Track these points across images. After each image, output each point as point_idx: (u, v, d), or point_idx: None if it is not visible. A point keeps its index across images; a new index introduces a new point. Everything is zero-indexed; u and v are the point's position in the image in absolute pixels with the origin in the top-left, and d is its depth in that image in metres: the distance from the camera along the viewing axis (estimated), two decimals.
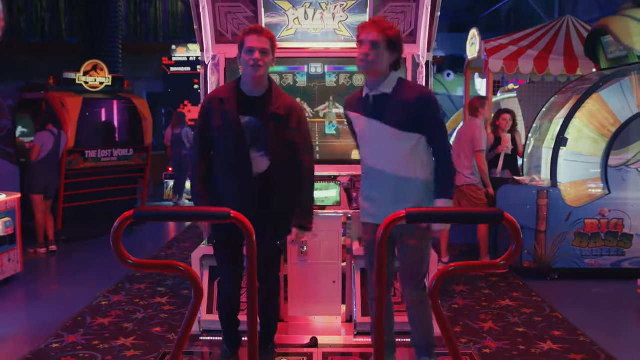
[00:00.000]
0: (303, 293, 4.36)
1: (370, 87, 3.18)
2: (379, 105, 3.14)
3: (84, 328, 4.55)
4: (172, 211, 2.50)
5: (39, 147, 7.01)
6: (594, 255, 5.92)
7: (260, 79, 3.24)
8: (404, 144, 3.14)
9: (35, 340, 4.30)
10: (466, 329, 4.54)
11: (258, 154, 3.28)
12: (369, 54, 3.06)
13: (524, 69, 7.54)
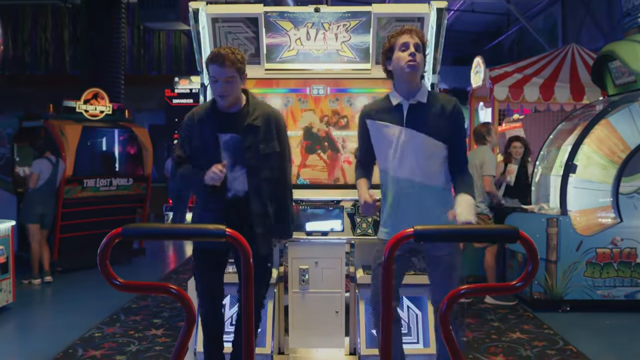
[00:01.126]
0: (305, 324, 4.14)
1: (405, 95, 3.04)
2: (415, 114, 3.01)
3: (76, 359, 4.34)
4: (163, 228, 2.33)
5: (37, 174, 6.89)
6: (607, 286, 5.71)
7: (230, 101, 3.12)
8: (438, 154, 3.02)
9: None
10: None
11: (239, 172, 3.14)
12: (416, 56, 2.95)
13: (529, 96, 7.44)
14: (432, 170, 3.05)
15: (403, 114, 3.04)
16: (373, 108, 3.16)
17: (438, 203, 3.05)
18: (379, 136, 3.11)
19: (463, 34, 17.12)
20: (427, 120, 3.00)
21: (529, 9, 13.13)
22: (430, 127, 2.98)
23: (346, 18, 4.20)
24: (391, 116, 3.06)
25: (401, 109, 3.04)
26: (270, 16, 4.20)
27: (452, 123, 3.02)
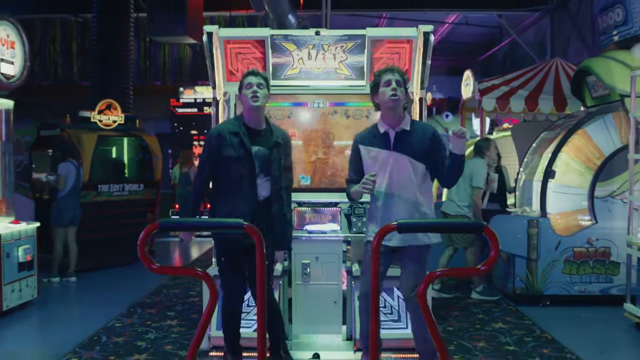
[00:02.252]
0: (306, 312, 4.65)
1: (391, 124, 3.60)
2: (401, 140, 3.55)
3: (100, 346, 4.84)
4: (193, 222, 2.84)
5: (65, 175, 7.38)
6: (583, 282, 6.21)
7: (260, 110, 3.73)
8: (418, 172, 3.56)
9: (54, 356, 4.58)
10: (459, 347, 4.81)
11: (264, 179, 3.72)
12: (397, 90, 3.48)
13: (515, 107, 7.97)
14: (415, 186, 3.61)
15: (390, 140, 3.59)
16: (365, 136, 3.74)
17: (419, 214, 3.59)
18: (370, 159, 3.66)
19: (458, 45, 17.68)
20: (412, 144, 3.56)
21: (520, 23, 13.68)
22: (414, 150, 3.55)
23: (343, 40, 4.73)
24: (380, 142, 3.62)
25: (388, 136, 3.59)
26: (275, 38, 4.73)
27: (432, 146, 3.60)
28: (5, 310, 5.70)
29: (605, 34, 6.76)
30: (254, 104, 3.71)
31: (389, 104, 3.56)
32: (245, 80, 3.80)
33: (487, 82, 8.28)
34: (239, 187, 3.72)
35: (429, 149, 3.58)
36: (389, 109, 3.58)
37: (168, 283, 7.40)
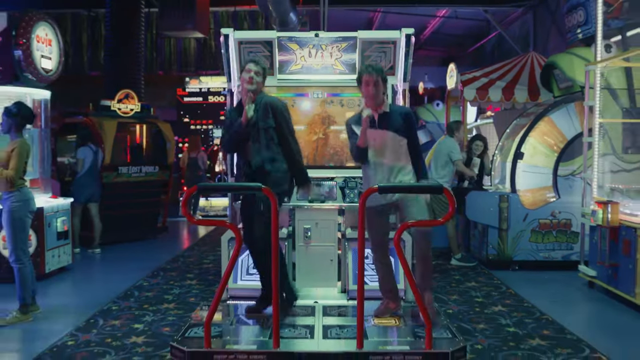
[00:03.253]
0: (307, 269, 5.54)
1: (374, 109, 4.45)
2: (383, 120, 4.43)
3: (134, 297, 5.78)
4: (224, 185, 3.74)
5: (82, 159, 8.27)
6: (547, 249, 7.15)
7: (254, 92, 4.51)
8: (398, 144, 4.43)
9: (96, 305, 5.51)
10: (436, 299, 5.73)
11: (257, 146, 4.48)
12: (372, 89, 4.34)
13: (493, 97, 8.88)
14: (397, 155, 4.48)
15: (375, 121, 4.46)
16: (354, 119, 4.59)
17: (401, 175, 4.48)
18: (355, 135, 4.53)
19: (449, 37, 18.52)
20: (391, 122, 4.42)
21: (506, 17, 14.54)
22: (393, 126, 4.41)
23: (338, 41, 5.62)
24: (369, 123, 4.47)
25: (373, 117, 4.46)
26: (281, 40, 5.63)
27: (406, 124, 4.45)
28: (47, 272, 6.61)
29: (571, 32, 7.63)
30: (247, 87, 4.48)
31: (368, 99, 4.44)
32: (247, 65, 4.56)
33: (469, 73, 9.18)
34: (242, 154, 4.56)
35: (403, 125, 4.44)
36: (367, 101, 4.45)
37: (184, 254, 8.33)
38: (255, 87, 4.53)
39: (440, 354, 3.81)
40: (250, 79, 4.50)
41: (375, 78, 4.37)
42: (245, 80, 4.52)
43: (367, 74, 4.40)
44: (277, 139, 4.55)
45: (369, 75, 4.38)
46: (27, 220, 5.13)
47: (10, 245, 5.06)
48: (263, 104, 4.55)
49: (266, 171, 4.46)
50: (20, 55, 6.49)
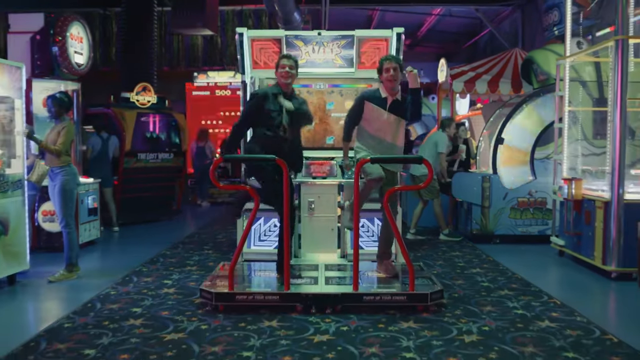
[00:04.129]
0: (311, 237, 6.39)
1: (390, 94, 5.23)
2: (394, 106, 5.23)
3: (159, 263, 6.66)
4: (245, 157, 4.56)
5: (91, 147, 9.06)
6: (525, 225, 7.99)
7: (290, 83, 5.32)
8: (400, 126, 5.26)
9: (128, 268, 6.37)
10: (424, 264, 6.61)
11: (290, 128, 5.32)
12: (393, 75, 5.15)
13: (480, 89, 9.73)
14: (398, 136, 5.31)
15: (387, 104, 5.26)
16: (370, 95, 5.34)
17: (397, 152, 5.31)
18: (372, 113, 5.29)
19: (445, 34, 19.35)
20: (399, 109, 5.23)
21: (498, 15, 15.38)
22: (400, 113, 5.22)
23: (338, 39, 6.48)
24: (381, 103, 5.27)
25: (386, 101, 5.26)
26: (289, 37, 6.48)
27: (405, 111, 5.23)
28: (80, 244, 7.46)
29: (548, 30, 8.49)
30: (284, 81, 5.24)
31: (388, 84, 5.22)
32: (280, 61, 5.29)
33: (457, 68, 10.03)
34: (274, 132, 5.23)
35: (406, 109, 5.23)
36: (388, 86, 5.23)
37: (198, 231, 9.19)
38: (290, 81, 5.29)
39: (421, 295, 4.68)
40: (286, 73, 5.23)
41: (394, 65, 5.16)
42: (282, 75, 5.23)
43: (388, 62, 5.20)
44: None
45: (389, 62, 5.18)
46: (75, 191, 5.99)
47: (60, 213, 5.90)
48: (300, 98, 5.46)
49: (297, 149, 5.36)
50: (56, 51, 7.35)
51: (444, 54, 20.06)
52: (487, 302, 5.03)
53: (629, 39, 5.81)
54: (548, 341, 4.01)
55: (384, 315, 4.57)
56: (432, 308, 4.72)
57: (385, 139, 5.26)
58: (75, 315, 4.65)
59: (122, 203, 9.61)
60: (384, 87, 5.26)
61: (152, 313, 4.69)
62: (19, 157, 5.74)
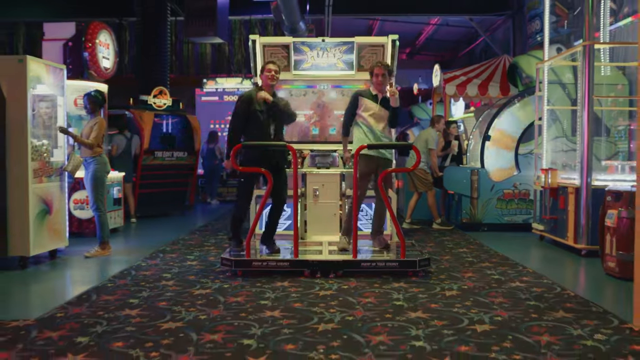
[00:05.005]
0: (316, 221, 7.17)
1: (379, 91, 6.06)
2: (383, 101, 6.04)
3: (180, 244, 7.45)
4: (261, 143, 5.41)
5: (116, 146, 9.88)
6: (510, 214, 8.78)
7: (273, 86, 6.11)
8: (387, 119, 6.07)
9: (153, 248, 7.17)
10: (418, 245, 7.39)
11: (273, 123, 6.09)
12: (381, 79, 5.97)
13: (470, 92, 10.55)
14: (386, 127, 6.14)
15: (378, 99, 6.09)
16: (364, 92, 6.19)
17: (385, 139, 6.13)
18: (365, 106, 6.10)
19: (443, 42, 20.22)
20: (386, 104, 6.06)
21: (492, 24, 16.22)
22: (387, 106, 6.05)
23: (340, 45, 7.30)
24: (372, 98, 6.09)
25: (377, 97, 6.08)
26: (296, 43, 7.31)
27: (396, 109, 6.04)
28: None
29: (531, 38, 9.32)
30: (270, 83, 6.02)
31: (377, 86, 6.06)
32: (267, 66, 6.06)
33: (450, 73, 10.86)
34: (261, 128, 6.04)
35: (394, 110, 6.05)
36: (376, 88, 6.07)
37: (211, 222, 9.99)
38: (274, 83, 6.09)
39: (411, 261, 5.47)
40: (272, 76, 6.05)
41: (383, 71, 6.00)
42: (269, 78, 6.04)
43: (377, 68, 6.04)
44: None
45: (379, 68, 6.03)
46: (105, 178, 6.79)
47: (92, 198, 6.70)
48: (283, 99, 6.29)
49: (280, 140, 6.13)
50: (87, 56, 8.18)
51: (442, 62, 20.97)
52: (468, 271, 5.81)
53: (595, 44, 6.62)
54: (515, 295, 4.80)
55: (379, 279, 5.35)
56: (420, 273, 5.51)
57: (377, 130, 6.07)
58: (115, 278, 5.45)
59: (140, 197, 10.40)
60: (375, 86, 6.10)
61: (180, 277, 5.49)
62: (60, 148, 6.54)
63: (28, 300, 5.05)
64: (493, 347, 3.46)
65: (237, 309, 4.35)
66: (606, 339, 3.63)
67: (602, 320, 4.05)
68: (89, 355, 3.35)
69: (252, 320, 4.06)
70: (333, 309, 4.36)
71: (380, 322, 4.01)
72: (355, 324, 3.97)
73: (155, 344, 3.54)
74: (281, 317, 4.13)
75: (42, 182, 6.12)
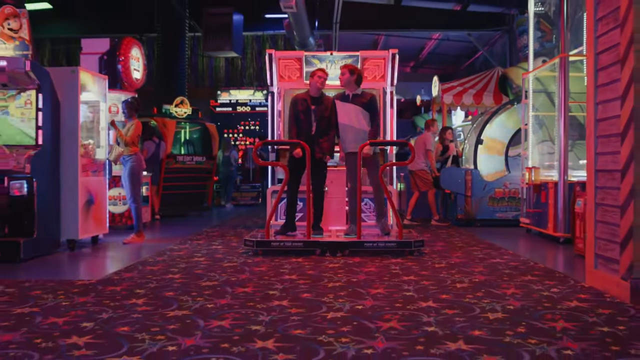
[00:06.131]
0: (326, 214, 8.07)
1: (350, 91, 6.98)
2: (354, 99, 6.94)
3: (204, 235, 8.37)
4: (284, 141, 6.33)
5: (147, 150, 10.87)
6: (502, 211, 9.66)
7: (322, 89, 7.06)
8: (366, 115, 6.95)
9: (181, 237, 8.10)
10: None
11: (315, 122, 7.03)
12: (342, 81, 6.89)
13: (466, 101, 11.49)
14: (362, 122, 7.00)
15: (349, 98, 6.99)
16: (338, 96, 7.10)
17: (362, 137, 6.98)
18: (340, 107, 7.03)
19: (445, 56, 21.21)
20: (359, 101, 6.93)
21: (490, 39, 17.20)
22: (361, 104, 6.93)
23: (346, 58, 8.26)
24: (345, 99, 7.00)
25: (349, 97, 6.99)
26: (308, 57, 8.27)
27: (368, 104, 6.93)
28: None
29: (521, 51, 10.25)
30: (320, 87, 7.00)
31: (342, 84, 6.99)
32: (317, 72, 7.02)
33: (448, 84, 11.81)
34: (306, 126, 7.00)
35: (367, 104, 6.92)
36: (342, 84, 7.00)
37: (229, 221, 10.92)
38: (324, 87, 7.07)
39: (407, 242, 6.37)
40: (322, 81, 7.01)
41: (343, 70, 6.92)
42: (318, 82, 6.98)
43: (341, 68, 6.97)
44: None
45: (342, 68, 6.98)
46: (140, 175, 7.74)
47: (128, 192, 7.64)
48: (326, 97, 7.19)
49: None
50: (120, 69, 9.16)
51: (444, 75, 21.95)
52: (457, 252, 6.71)
53: (569, 56, 7.54)
54: (494, 267, 5.69)
55: (380, 257, 6.26)
56: (415, 253, 6.42)
57: (352, 124, 6.92)
58: (154, 257, 6.37)
59: (163, 198, 11.34)
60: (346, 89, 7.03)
61: (209, 256, 6.42)
62: (102, 147, 7.51)
63: (88, 269, 6.03)
64: (467, 296, 4.36)
65: (261, 274, 5.27)
66: (560, 291, 4.52)
67: (561, 281, 4.94)
68: (148, 300, 4.26)
69: (275, 281, 4.97)
70: (340, 274, 5.26)
71: (379, 282, 4.92)
72: (359, 283, 4.87)
73: (198, 293, 4.46)
74: (297, 279, 5.04)
75: (88, 176, 7.07)
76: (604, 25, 4.54)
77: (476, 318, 3.71)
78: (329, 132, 7.03)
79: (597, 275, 4.68)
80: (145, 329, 3.45)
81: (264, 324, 3.57)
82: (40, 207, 6.22)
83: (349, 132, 6.94)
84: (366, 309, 3.95)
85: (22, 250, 5.95)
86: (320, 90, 7.07)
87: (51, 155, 6.51)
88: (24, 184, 6.10)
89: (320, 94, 7.10)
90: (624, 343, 3.18)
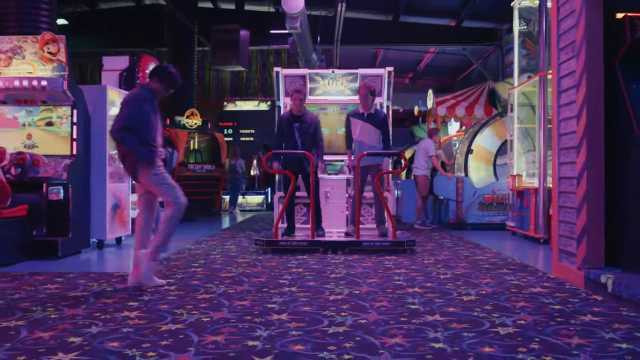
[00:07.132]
0: (327, 218, 8.86)
1: (365, 110, 7.76)
2: (369, 117, 7.74)
3: (217, 236, 9.15)
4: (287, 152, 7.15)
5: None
6: (490, 215, 10.44)
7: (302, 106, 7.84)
8: (376, 132, 7.75)
9: (197, 237, 8.88)
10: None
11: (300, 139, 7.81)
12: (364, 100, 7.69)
13: (459, 113, 12.29)
14: (375, 140, 7.80)
15: (364, 116, 7.81)
16: (352, 113, 7.92)
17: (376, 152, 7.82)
18: (355, 125, 7.85)
19: (441, 69, 22.05)
20: (373, 120, 7.75)
21: (485, 53, 18.02)
22: (374, 122, 7.74)
23: (346, 75, 9.08)
24: (359, 117, 7.82)
25: (364, 115, 7.81)
26: (311, 74, 9.08)
27: (380, 121, 7.76)
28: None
29: (509, 67, 11.04)
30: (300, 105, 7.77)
31: (361, 104, 7.78)
32: (293, 94, 7.74)
33: (442, 97, 12.62)
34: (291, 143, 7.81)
35: (379, 123, 7.76)
36: (361, 105, 7.78)
37: (237, 224, 11.71)
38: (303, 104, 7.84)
39: (400, 241, 7.16)
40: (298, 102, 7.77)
41: (368, 95, 7.70)
42: (296, 102, 7.75)
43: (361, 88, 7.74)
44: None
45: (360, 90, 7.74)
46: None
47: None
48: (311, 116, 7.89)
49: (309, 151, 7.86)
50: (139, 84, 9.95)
51: (441, 87, 22.81)
52: (446, 251, 7.49)
53: (547, 74, 8.34)
54: (475, 262, 6.46)
55: (376, 255, 7.04)
56: (408, 251, 7.20)
57: (365, 141, 7.70)
58: (174, 255, 7.16)
59: None
60: (361, 106, 7.77)
61: (224, 253, 7.20)
62: None
63: (119, 263, 6.80)
64: (448, 284, 5.14)
65: (272, 268, 6.06)
66: (527, 281, 5.30)
67: (531, 273, 5.73)
68: (178, 288, 5.05)
69: (284, 273, 5.76)
70: (341, 267, 6.05)
71: (374, 273, 5.71)
72: (357, 274, 5.66)
73: (220, 282, 5.25)
74: (304, 272, 5.82)
75: (115, 183, 7.86)
76: (565, 54, 5.35)
77: (453, 299, 4.49)
78: (313, 148, 7.68)
79: (560, 267, 5.46)
80: (182, 306, 4.24)
81: (278, 303, 4.35)
82: (74, 210, 7.01)
83: (362, 148, 7.67)
84: (362, 293, 4.73)
85: (60, 248, 6.74)
86: (300, 109, 7.74)
87: (83, 164, 7.31)
88: (61, 190, 6.89)
89: (302, 112, 7.77)
90: (567, 316, 3.96)
